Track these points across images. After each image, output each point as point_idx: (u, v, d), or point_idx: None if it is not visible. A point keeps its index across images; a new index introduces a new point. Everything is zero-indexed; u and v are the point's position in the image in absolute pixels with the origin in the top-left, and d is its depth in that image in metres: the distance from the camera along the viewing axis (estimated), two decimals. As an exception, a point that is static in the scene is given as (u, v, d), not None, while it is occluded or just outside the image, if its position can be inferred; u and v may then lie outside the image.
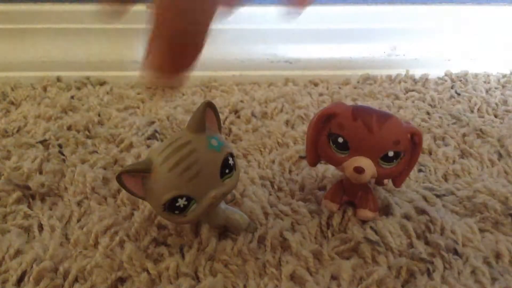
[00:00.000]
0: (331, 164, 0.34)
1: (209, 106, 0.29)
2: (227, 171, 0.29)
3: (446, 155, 0.47)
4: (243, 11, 0.76)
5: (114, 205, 0.38)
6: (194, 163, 0.27)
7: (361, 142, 0.31)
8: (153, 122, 0.53)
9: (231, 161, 0.29)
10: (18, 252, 0.32)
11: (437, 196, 0.40)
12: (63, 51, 0.69)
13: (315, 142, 0.34)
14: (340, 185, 0.37)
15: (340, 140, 0.32)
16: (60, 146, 0.47)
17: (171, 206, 0.28)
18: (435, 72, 0.72)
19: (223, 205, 0.33)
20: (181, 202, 0.27)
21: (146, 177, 0.28)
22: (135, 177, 0.28)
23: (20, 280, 0.30)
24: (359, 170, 0.31)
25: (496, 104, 0.61)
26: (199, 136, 0.28)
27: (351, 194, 0.36)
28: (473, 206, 0.38)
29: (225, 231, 0.34)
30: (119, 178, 0.28)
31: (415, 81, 0.70)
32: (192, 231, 0.34)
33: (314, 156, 0.35)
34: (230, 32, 0.70)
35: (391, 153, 0.31)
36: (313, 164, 0.36)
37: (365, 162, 0.31)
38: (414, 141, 0.32)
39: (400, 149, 0.32)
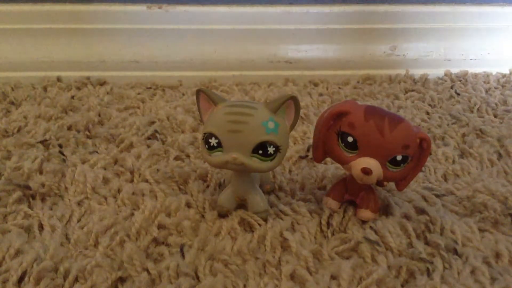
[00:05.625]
0: (337, 162, 0.34)
1: (293, 99, 0.32)
2: (260, 151, 0.31)
3: (446, 155, 0.47)
4: (243, 11, 0.76)
5: (114, 205, 0.38)
6: (242, 123, 0.30)
7: (371, 143, 0.31)
8: (153, 122, 0.53)
9: (270, 150, 0.31)
10: (18, 252, 0.32)
11: (437, 196, 0.40)
12: (63, 51, 0.69)
13: (324, 139, 0.34)
14: (342, 184, 0.37)
15: (350, 139, 0.32)
16: (60, 146, 0.47)
17: (207, 140, 0.32)
18: (435, 72, 0.72)
19: (256, 183, 0.36)
20: (213, 141, 0.31)
21: (212, 107, 0.33)
22: (207, 101, 0.33)
23: (20, 280, 0.30)
24: (366, 171, 0.31)
25: (496, 104, 0.61)
26: (265, 112, 0.31)
27: (353, 194, 0.36)
28: (472, 206, 0.38)
29: (240, 207, 0.37)
30: (198, 92, 0.33)
31: (414, 81, 0.70)
32: (192, 230, 0.34)
33: (321, 152, 0.35)
34: (230, 32, 0.71)
35: (399, 157, 0.31)
36: (318, 160, 0.36)
37: (373, 164, 0.31)
38: (422, 146, 0.32)
39: (408, 154, 0.32)
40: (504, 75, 0.71)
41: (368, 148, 0.31)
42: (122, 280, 0.31)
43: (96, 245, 0.34)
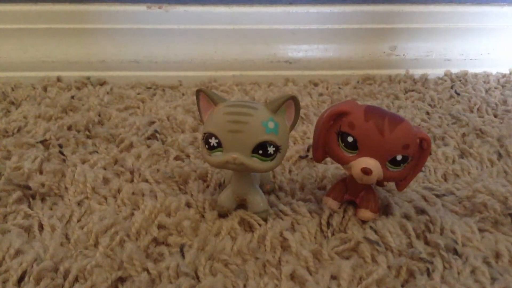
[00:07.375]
0: (337, 162, 0.34)
1: (293, 99, 0.32)
2: (260, 151, 0.31)
3: (446, 155, 0.47)
4: (243, 11, 0.76)
5: (114, 205, 0.38)
6: (242, 123, 0.30)
7: (371, 143, 0.31)
8: (153, 122, 0.53)
9: (270, 150, 0.31)
10: (18, 252, 0.32)
11: (437, 196, 0.40)
12: (63, 51, 0.69)
13: (324, 139, 0.34)
14: (342, 184, 0.37)
15: (350, 139, 0.32)
16: (60, 146, 0.47)
17: (207, 140, 0.32)
18: (435, 72, 0.72)
19: (256, 183, 0.36)
20: (213, 141, 0.31)
21: (212, 107, 0.33)
22: (207, 101, 0.33)
23: (20, 280, 0.30)
24: (366, 171, 0.31)
25: (496, 104, 0.61)
26: (265, 111, 0.31)
27: (353, 194, 0.36)
28: (472, 206, 0.38)
29: (240, 207, 0.37)
30: (198, 92, 0.33)
31: (414, 81, 0.70)
32: (192, 230, 0.34)
33: (321, 152, 0.35)
34: (230, 32, 0.71)
35: (399, 157, 0.31)
36: (319, 160, 0.36)
37: (373, 164, 0.31)
38: (422, 146, 0.32)
39: (408, 154, 0.32)
40: (504, 75, 0.71)
41: (368, 148, 0.31)
42: (122, 280, 0.31)
43: (96, 245, 0.34)
